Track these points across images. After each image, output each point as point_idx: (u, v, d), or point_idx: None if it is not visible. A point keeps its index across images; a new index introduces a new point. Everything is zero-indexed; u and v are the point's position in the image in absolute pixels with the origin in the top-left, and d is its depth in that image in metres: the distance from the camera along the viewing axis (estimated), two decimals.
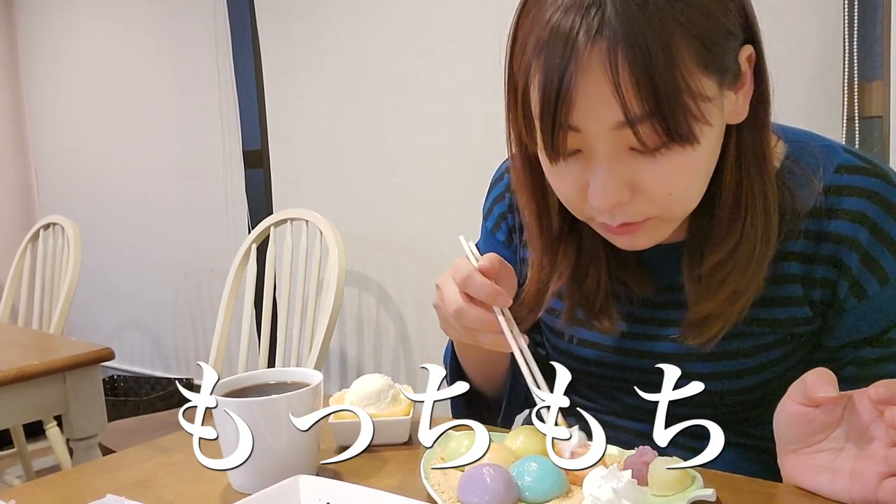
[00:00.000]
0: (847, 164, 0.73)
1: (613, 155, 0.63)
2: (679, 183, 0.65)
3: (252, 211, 2.66)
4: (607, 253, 0.78)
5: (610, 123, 0.61)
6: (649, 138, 0.61)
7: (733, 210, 0.70)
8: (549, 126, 0.62)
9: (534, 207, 0.78)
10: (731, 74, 0.65)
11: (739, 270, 0.70)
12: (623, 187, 0.64)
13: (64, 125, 3.44)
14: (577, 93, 0.60)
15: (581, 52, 0.59)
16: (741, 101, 0.67)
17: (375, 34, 2.20)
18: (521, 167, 0.77)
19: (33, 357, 1.51)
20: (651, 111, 0.59)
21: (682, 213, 0.70)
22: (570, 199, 0.70)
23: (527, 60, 0.63)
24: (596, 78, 0.59)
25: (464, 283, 0.72)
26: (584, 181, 0.66)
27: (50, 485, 0.75)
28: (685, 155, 0.63)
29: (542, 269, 0.80)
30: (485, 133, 1.95)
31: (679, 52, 0.59)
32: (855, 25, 1.40)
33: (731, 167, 0.69)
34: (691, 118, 0.61)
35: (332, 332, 1.83)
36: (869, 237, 0.71)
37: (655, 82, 0.58)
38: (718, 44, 0.62)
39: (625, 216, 0.67)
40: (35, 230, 2.60)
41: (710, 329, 0.73)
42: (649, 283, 0.79)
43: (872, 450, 0.59)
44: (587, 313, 0.81)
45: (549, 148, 0.64)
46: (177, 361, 3.09)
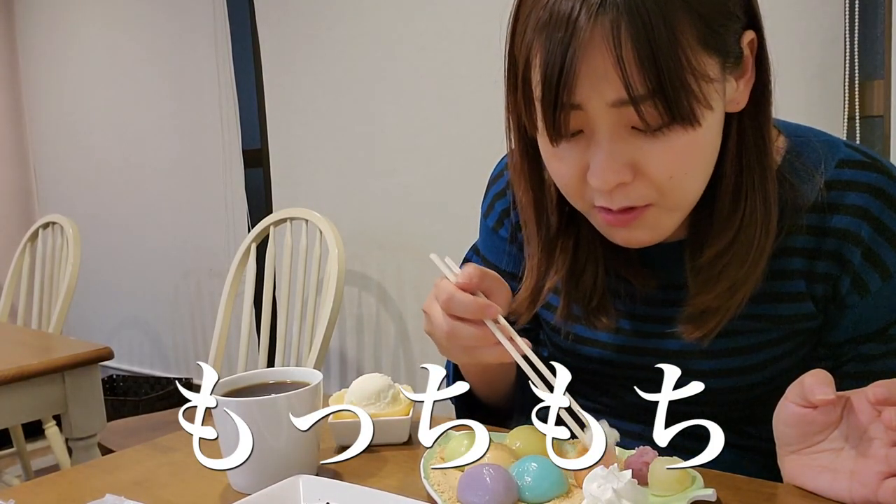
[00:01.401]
0: (849, 159, 0.73)
1: (615, 133, 0.63)
2: (680, 166, 0.65)
3: (252, 210, 2.66)
4: (605, 249, 0.78)
5: (611, 100, 0.61)
6: (651, 117, 0.61)
7: (733, 201, 0.70)
8: (551, 104, 0.62)
9: (531, 201, 0.77)
10: (733, 57, 0.65)
11: (738, 262, 0.70)
12: (624, 167, 0.64)
13: (63, 125, 3.44)
14: (580, 69, 0.60)
15: (583, 27, 0.59)
16: (742, 88, 0.67)
17: (375, 34, 2.20)
18: (519, 160, 0.76)
19: (32, 356, 1.51)
20: (653, 89, 0.59)
21: (682, 202, 0.69)
22: (570, 183, 0.69)
23: (528, 40, 0.63)
24: (598, 54, 0.59)
25: (447, 305, 0.70)
26: (584, 163, 0.66)
27: (49, 484, 0.75)
28: (686, 137, 0.62)
29: (539, 263, 0.79)
30: (484, 132, 1.96)
31: (682, 30, 0.59)
32: (856, 24, 1.40)
33: (731, 158, 0.69)
34: (693, 98, 0.61)
35: (331, 331, 1.83)
36: (871, 232, 0.71)
37: (658, 59, 0.58)
38: (720, 23, 0.62)
39: (625, 199, 0.66)
40: (34, 229, 2.60)
41: (709, 323, 0.73)
42: (650, 279, 0.79)
43: (872, 450, 0.59)
44: (584, 310, 0.80)
45: (550, 128, 0.64)
46: (176, 361, 3.09)
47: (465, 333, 0.70)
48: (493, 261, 0.92)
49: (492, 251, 0.92)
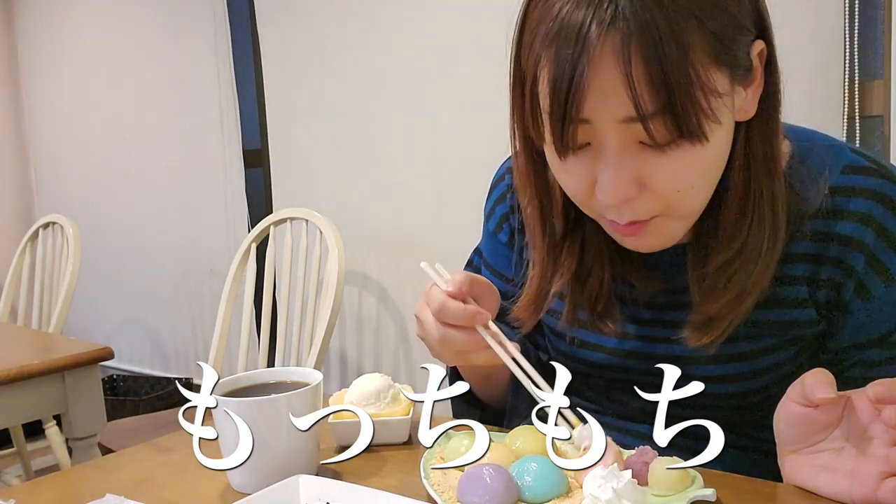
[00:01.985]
0: (854, 165, 0.73)
1: (622, 149, 0.63)
2: (687, 180, 0.65)
3: (252, 210, 2.66)
4: (611, 252, 0.78)
5: (620, 117, 0.61)
6: (659, 134, 0.61)
7: (740, 210, 0.69)
8: (560, 119, 0.62)
9: (537, 206, 0.77)
10: (743, 70, 0.64)
11: (745, 271, 0.70)
12: (631, 182, 0.64)
13: (63, 125, 3.44)
14: (589, 85, 0.59)
15: (593, 43, 0.58)
16: (751, 97, 0.67)
17: (375, 34, 2.20)
18: (524, 165, 0.76)
19: (33, 356, 1.51)
20: (662, 107, 0.59)
21: (689, 212, 0.69)
22: (578, 196, 0.69)
23: (536, 53, 0.62)
24: (608, 70, 0.59)
25: (439, 313, 0.72)
26: (592, 176, 0.66)
27: (49, 484, 0.75)
28: (694, 152, 0.62)
29: (544, 268, 0.79)
30: (485, 133, 1.95)
31: (692, 46, 0.59)
32: (856, 24, 1.40)
33: (739, 166, 0.69)
34: (702, 114, 0.60)
35: (331, 331, 1.83)
36: (875, 238, 0.71)
37: (668, 78, 0.58)
38: (731, 38, 0.62)
39: (632, 213, 0.66)
40: (34, 229, 2.60)
41: (715, 330, 0.72)
42: (655, 283, 0.78)
43: (872, 449, 0.59)
44: (590, 314, 0.80)
45: (558, 142, 0.64)
46: (176, 361, 3.09)
47: (457, 339, 0.73)
48: (494, 264, 0.92)
49: (493, 255, 0.92)
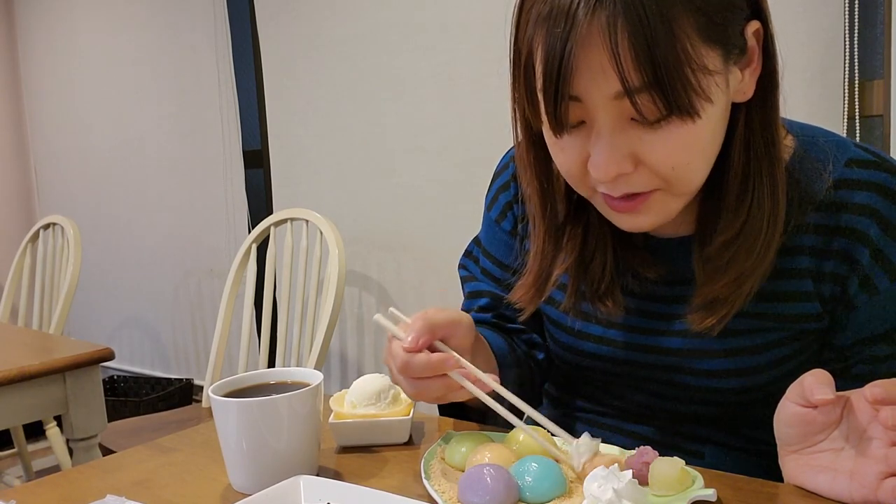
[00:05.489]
0: (857, 158, 0.73)
1: (615, 125, 0.64)
2: (681, 157, 0.65)
3: (252, 211, 2.66)
4: (615, 237, 0.78)
5: (610, 93, 0.62)
6: (648, 110, 0.61)
7: (741, 191, 0.70)
8: (552, 96, 0.63)
9: (537, 187, 0.78)
10: (737, 49, 0.65)
11: (745, 252, 0.70)
12: (624, 158, 0.65)
13: (64, 125, 3.44)
14: (578, 62, 0.61)
15: (581, 22, 0.60)
16: (748, 78, 0.67)
17: (375, 34, 2.20)
18: (526, 152, 0.77)
19: (33, 357, 1.50)
20: (649, 82, 0.60)
21: (687, 189, 0.69)
22: (572, 172, 0.70)
23: (529, 33, 0.64)
24: (595, 48, 0.60)
25: (404, 371, 0.70)
26: (585, 153, 0.67)
27: (50, 485, 0.75)
28: (686, 128, 0.63)
29: (545, 254, 0.79)
30: (485, 132, 1.96)
31: (681, 24, 0.60)
32: (856, 25, 1.40)
33: (738, 147, 0.69)
34: (691, 91, 0.61)
35: (332, 332, 1.83)
36: (879, 232, 0.71)
37: (654, 54, 0.59)
38: (722, 15, 0.62)
39: (626, 187, 0.67)
40: (35, 230, 2.60)
41: (717, 313, 0.72)
42: (658, 269, 0.79)
43: (872, 449, 0.59)
44: (591, 295, 0.80)
45: (552, 119, 0.65)
46: (177, 361, 3.10)
47: (430, 388, 0.70)
48: (494, 253, 0.92)
49: (493, 243, 0.92)
